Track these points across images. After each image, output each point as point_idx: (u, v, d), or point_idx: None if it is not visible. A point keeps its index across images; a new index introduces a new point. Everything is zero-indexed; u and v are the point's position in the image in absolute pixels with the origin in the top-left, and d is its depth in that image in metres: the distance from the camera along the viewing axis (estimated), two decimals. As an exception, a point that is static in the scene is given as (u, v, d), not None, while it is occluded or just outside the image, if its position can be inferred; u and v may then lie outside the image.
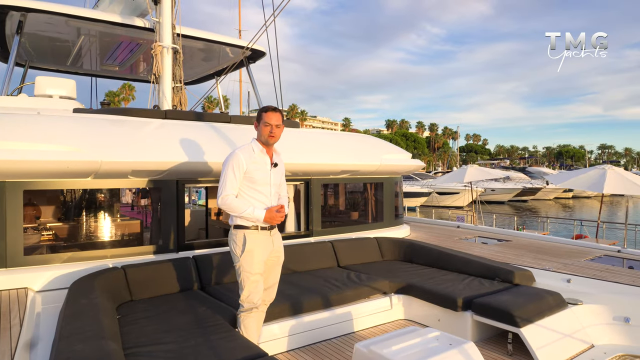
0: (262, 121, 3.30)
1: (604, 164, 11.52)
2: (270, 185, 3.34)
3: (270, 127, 3.28)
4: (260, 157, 3.31)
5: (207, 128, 5.19)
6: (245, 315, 3.31)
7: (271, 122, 3.28)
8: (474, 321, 4.00)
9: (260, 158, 3.31)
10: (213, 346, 2.92)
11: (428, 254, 5.44)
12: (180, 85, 6.80)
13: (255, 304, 3.29)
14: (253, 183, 3.26)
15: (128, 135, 4.47)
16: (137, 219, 4.78)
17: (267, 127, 3.28)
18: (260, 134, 3.34)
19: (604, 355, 3.70)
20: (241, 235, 3.25)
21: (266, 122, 3.28)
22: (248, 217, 3.20)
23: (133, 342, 2.98)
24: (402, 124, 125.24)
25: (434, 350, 2.92)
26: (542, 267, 4.97)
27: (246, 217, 3.21)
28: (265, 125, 3.28)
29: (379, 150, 6.38)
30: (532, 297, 3.99)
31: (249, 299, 3.27)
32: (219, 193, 3.22)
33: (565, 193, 40.52)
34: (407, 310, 4.59)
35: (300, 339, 3.88)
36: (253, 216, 3.20)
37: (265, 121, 3.28)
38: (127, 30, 6.87)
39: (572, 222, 15.86)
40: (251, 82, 8.93)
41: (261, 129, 3.31)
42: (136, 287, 4.00)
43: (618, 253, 5.87)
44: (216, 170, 4.81)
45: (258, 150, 3.31)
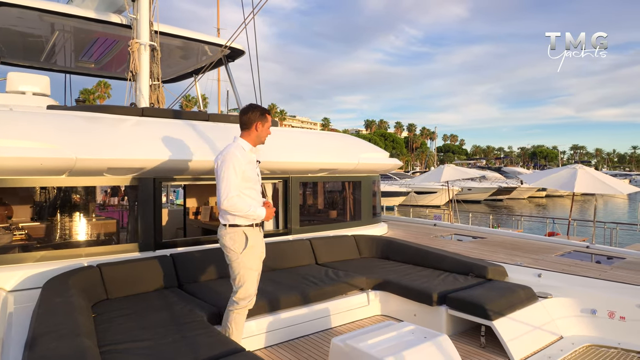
0: (268, 123, 3.43)
1: (575, 164, 11.88)
2: (259, 182, 3.44)
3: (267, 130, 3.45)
4: (249, 155, 3.38)
5: (184, 126, 5.17)
6: (238, 311, 3.33)
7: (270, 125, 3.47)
8: (448, 315, 4.10)
9: (250, 157, 3.38)
10: (191, 342, 2.93)
11: (405, 251, 5.53)
12: (157, 83, 6.74)
13: (252, 300, 3.36)
14: (248, 181, 3.30)
15: (104, 132, 4.42)
16: (113, 218, 4.73)
17: (267, 128, 3.43)
18: (258, 135, 3.41)
19: (572, 346, 3.85)
20: (241, 233, 3.29)
21: (270, 125, 3.45)
22: (251, 215, 3.25)
23: (109, 340, 2.96)
24: (381, 124, 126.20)
25: (409, 343, 2.99)
26: (514, 262, 5.12)
27: (249, 216, 3.25)
28: (266, 129, 3.42)
29: (356, 149, 6.45)
30: (504, 292, 4.11)
31: (249, 295, 3.33)
32: (223, 195, 3.17)
33: (539, 192, 41.53)
34: (384, 306, 4.67)
35: (278, 335, 3.92)
36: (256, 214, 3.26)
37: (270, 125, 3.45)
38: (103, 26, 6.76)
39: (545, 220, 16.29)
40: (230, 81, 8.89)
41: (265, 131, 3.42)
42: (112, 286, 3.97)
43: (587, 249, 6.08)
44: (193, 169, 4.80)
45: (248, 149, 3.38)
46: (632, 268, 4.92)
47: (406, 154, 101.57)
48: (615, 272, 4.75)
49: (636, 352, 3.76)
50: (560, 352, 3.73)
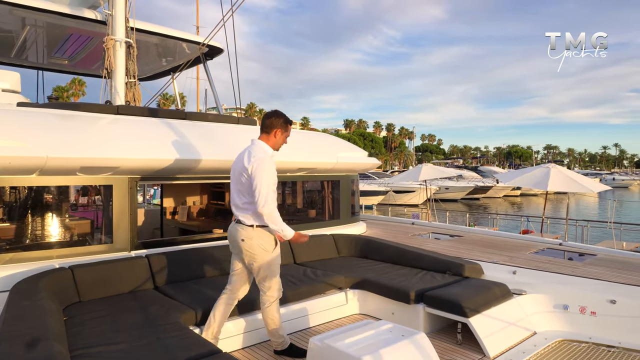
0: (287, 133, 3.57)
1: (549, 163, 12.17)
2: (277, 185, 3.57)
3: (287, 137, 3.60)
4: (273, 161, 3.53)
5: (161, 124, 5.09)
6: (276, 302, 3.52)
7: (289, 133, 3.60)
8: (426, 313, 4.15)
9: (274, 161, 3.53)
10: (166, 344, 2.89)
11: (383, 250, 5.57)
12: (134, 80, 6.61)
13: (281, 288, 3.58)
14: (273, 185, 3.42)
15: (77, 130, 4.31)
16: (87, 218, 4.62)
17: (284, 137, 3.56)
18: (277, 141, 3.54)
19: (545, 341, 3.94)
20: (269, 234, 3.45)
21: (288, 135, 3.58)
22: (278, 231, 3.36)
23: (80, 344, 2.89)
24: (360, 124, 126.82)
25: (387, 341, 3.01)
26: (490, 260, 5.22)
27: (276, 230, 3.36)
28: (282, 135, 3.54)
29: (335, 148, 6.47)
30: (480, 289, 4.18)
31: (280, 287, 3.54)
32: (262, 200, 3.27)
33: (514, 191, 42.40)
34: (362, 305, 4.69)
35: (256, 336, 3.89)
36: (283, 234, 3.37)
37: (289, 135, 3.58)
38: (77, 22, 6.60)
39: (520, 218, 16.65)
40: (208, 80, 8.80)
41: (283, 139, 3.56)
42: (85, 288, 3.87)
43: (559, 246, 6.24)
44: (170, 168, 4.73)
45: (271, 153, 3.52)
46: (603, 264, 5.07)
47: (385, 153, 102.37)
48: (586, 268, 4.88)
49: (606, 346, 3.87)
50: (533, 347, 3.82)
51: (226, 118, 6.19)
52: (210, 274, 4.66)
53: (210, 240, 5.27)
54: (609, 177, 71.53)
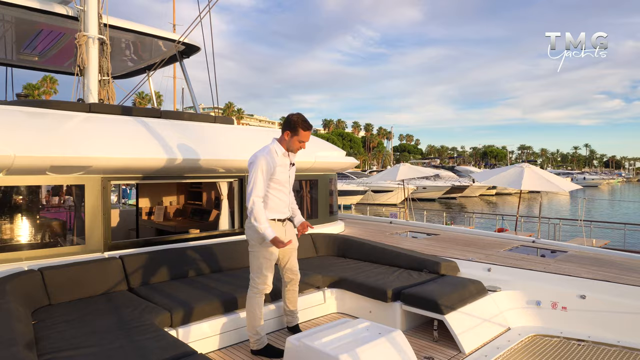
0: (298, 137, 3.61)
1: (522, 163, 12.42)
2: (290, 183, 3.74)
3: (303, 143, 3.66)
4: (282, 159, 3.64)
5: (135, 123, 4.99)
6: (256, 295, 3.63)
7: (304, 140, 3.65)
8: (403, 311, 4.18)
9: (283, 160, 3.64)
10: (140, 347, 2.83)
11: (361, 249, 5.59)
12: (107, 78, 6.47)
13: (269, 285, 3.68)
14: (277, 184, 3.61)
15: (47, 128, 4.19)
16: (58, 219, 4.49)
17: (301, 144, 3.64)
18: (287, 143, 3.64)
19: (518, 337, 4.02)
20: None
21: (301, 140, 3.63)
22: (258, 228, 3.45)
23: (50, 348, 2.80)
24: (339, 124, 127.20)
25: (364, 339, 3.02)
26: (466, 258, 5.29)
27: (259, 229, 3.45)
28: (299, 142, 3.62)
29: (313, 148, 6.46)
30: (456, 286, 4.24)
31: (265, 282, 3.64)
32: (248, 195, 3.49)
33: (490, 190, 43.20)
34: (340, 304, 4.70)
35: (233, 337, 3.85)
36: (265, 233, 3.44)
37: (301, 139, 3.63)
38: (48, 17, 6.40)
39: (495, 217, 16.97)
40: (185, 79, 8.67)
41: (294, 142, 3.63)
42: (55, 290, 3.76)
43: (533, 243, 6.38)
44: (145, 167, 4.64)
45: (281, 153, 3.63)
46: (574, 261, 5.21)
47: (363, 153, 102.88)
48: (558, 265, 5.00)
49: (576, 340, 3.98)
50: (507, 342, 3.89)
51: (203, 117, 6.12)
52: (186, 274, 4.59)
53: (186, 240, 5.20)
54: (579, 176, 73.65)
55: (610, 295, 4.12)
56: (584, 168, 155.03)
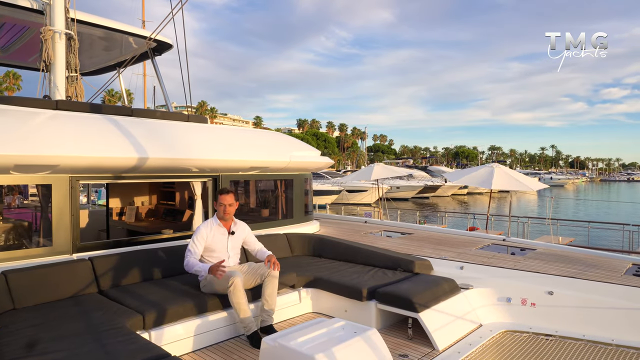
0: (218, 202, 4.16)
1: (492, 163, 12.71)
2: (227, 249, 4.21)
3: (224, 206, 4.13)
4: (217, 229, 4.17)
5: (105, 121, 4.86)
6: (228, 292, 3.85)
7: (224, 202, 4.14)
8: (378, 310, 4.21)
9: (218, 230, 4.17)
10: (111, 350, 2.74)
11: (336, 248, 5.60)
12: (75, 75, 6.27)
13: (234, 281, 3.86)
14: (212, 252, 4.14)
15: (10, 126, 4.02)
16: (23, 220, 4.33)
17: (222, 207, 4.14)
18: (217, 211, 4.20)
19: (490, 333, 4.10)
20: None
21: (220, 202, 4.15)
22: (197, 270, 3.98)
23: (13, 354, 2.68)
24: (313, 124, 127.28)
25: (339, 338, 3.03)
26: (439, 256, 5.37)
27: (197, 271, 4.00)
28: (220, 205, 4.15)
29: (288, 147, 6.44)
30: (430, 285, 4.30)
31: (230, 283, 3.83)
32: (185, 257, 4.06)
33: (461, 190, 44.09)
34: (315, 303, 4.69)
35: (207, 338, 3.80)
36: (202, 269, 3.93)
37: (220, 202, 4.15)
38: (11, 10, 6.15)
39: (467, 216, 17.30)
40: (157, 76, 8.49)
41: (217, 208, 4.18)
42: (20, 294, 3.62)
43: (503, 242, 6.53)
44: (115, 166, 4.52)
45: (216, 225, 4.18)
46: (542, 258, 5.36)
47: (338, 153, 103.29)
48: (527, 262, 5.14)
49: (544, 335, 4.09)
50: (479, 339, 3.97)
51: (175, 115, 6.01)
52: (158, 275, 4.50)
53: (158, 241, 5.09)
54: (547, 176, 76.03)
55: (576, 291, 4.26)
56: (551, 168, 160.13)
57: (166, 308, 3.58)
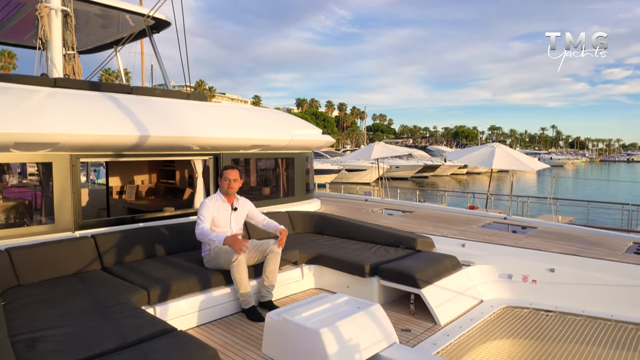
0: (223, 177, 4.19)
1: (493, 142, 12.64)
2: (230, 225, 4.23)
3: (229, 181, 4.16)
4: (221, 204, 4.20)
5: (104, 98, 4.81)
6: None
7: (229, 177, 4.16)
8: (380, 286, 4.24)
9: (222, 205, 4.20)
10: (118, 325, 2.77)
11: (338, 226, 5.62)
12: (72, 52, 6.18)
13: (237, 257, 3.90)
14: (216, 226, 4.14)
15: (9, 103, 3.98)
16: (25, 198, 4.32)
17: (226, 181, 4.17)
18: (221, 186, 4.22)
19: (490, 308, 4.15)
20: None
21: (225, 177, 4.18)
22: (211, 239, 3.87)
23: (22, 329, 2.71)
24: (312, 103, 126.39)
25: (343, 313, 3.06)
26: (441, 234, 5.39)
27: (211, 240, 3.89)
28: (224, 180, 4.17)
29: (290, 126, 6.40)
30: (432, 261, 4.32)
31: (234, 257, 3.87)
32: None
33: (461, 169, 44.09)
34: (318, 280, 4.73)
35: (211, 313, 3.84)
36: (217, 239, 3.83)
37: (225, 176, 4.18)
38: None
39: (466, 195, 17.34)
40: (155, 54, 8.37)
41: (222, 183, 4.20)
42: (24, 271, 3.64)
43: (504, 220, 6.56)
44: (115, 144, 4.49)
45: (220, 200, 4.21)
46: (543, 236, 5.38)
47: (337, 132, 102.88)
48: (529, 240, 5.16)
49: (545, 311, 4.14)
50: (480, 314, 4.01)
51: (175, 93, 5.95)
52: (162, 252, 4.52)
53: (160, 219, 5.10)
54: (546, 156, 76.02)
55: (577, 269, 4.29)
56: (551, 148, 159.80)
57: (170, 284, 3.61)
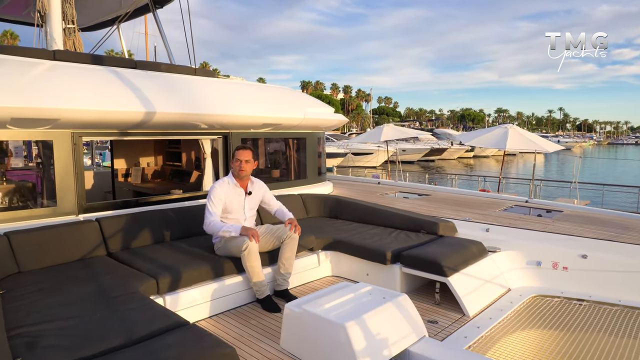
0: (234, 158, 3.85)
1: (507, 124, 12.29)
2: (244, 211, 3.91)
3: (240, 162, 3.80)
4: (233, 189, 3.86)
5: (107, 73, 4.50)
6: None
7: (241, 157, 3.81)
8: (402, 273, 3.99)
9: (234, 190, 3.86)
10: (125, 317, 2.53)
11: (354, 210, 5.35)
12: (73, 26, 5.88)
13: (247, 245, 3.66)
14: (228, 213, 3.83)
15: (5, 76, 3.69)
16: (25, 179, 4.07)
17: (237, 162, 3.82)
18: (232, 169, 3.89)
19: (520, 298, 3.89)
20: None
21: (237, 158, 3.82)
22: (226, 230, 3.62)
23: (21, 321, 2.47)
24: (317, 86, 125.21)
25: (368, 304, 2.81)
26: (462, 218, 5.12)
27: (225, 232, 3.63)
28: (236, 161, 3.83)
29: (302, 103, 6.08)
30: (457, 247, 4.06)
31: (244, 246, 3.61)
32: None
33: (467, 153, 43.61)
34: (335, 267, 4.48)
35: (225, 303, 3.60)
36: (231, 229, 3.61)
37: (236, 157, 3.83)
38: None
39: (477, 178, 17.02)
40: (159, 31, 8.02)
41: (233, 165, 3.87)
42: (25, 257, 3.40)
43: (526, 203, 6.26)
44: (119, 121, 4.21)
45: (232, 184, 3.86)
46: (571, 220, 5.09)
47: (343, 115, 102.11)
48: (556, 224, 4.87)
49: (577, 300, 3.88)
50: (510, 304, 3.76)
51: (182, 68, 5.62)
52: (170, 237, 4.27)
53: (168, 202, 4.84)
54: (554, 139, 75.04)
55: (612, 254, 4.01)
56: (558, 131, 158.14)
57: (180, 272, 3.36)
